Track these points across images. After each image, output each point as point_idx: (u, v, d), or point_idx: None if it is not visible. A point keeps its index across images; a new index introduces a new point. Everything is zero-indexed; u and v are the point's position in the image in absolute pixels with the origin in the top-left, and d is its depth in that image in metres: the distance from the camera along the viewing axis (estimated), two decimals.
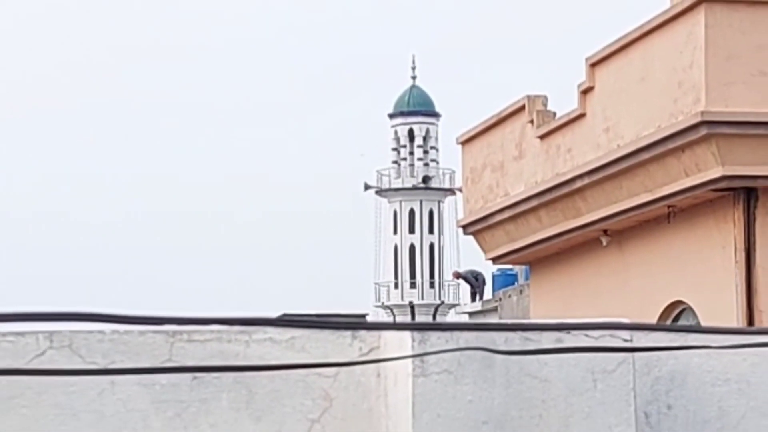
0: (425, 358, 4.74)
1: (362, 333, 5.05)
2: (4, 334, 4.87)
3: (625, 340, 4.83)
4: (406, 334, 4.84)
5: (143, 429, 4.91)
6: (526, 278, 36.88)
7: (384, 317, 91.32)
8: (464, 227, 27.16)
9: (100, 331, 4.89)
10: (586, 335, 4.83)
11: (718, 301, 19.79)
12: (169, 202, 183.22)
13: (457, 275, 79.34)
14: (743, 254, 19.60)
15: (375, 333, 5.07)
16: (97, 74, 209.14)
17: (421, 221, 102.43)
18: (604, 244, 22.83)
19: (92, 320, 4.60)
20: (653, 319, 19.72)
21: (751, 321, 18.79)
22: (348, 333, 5.04)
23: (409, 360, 4.75)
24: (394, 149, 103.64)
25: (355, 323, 4.86)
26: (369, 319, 52.17)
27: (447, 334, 4.80)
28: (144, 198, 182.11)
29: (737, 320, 18.81)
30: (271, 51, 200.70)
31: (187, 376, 4.93)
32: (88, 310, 4.50)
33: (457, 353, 4.74)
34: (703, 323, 19.10)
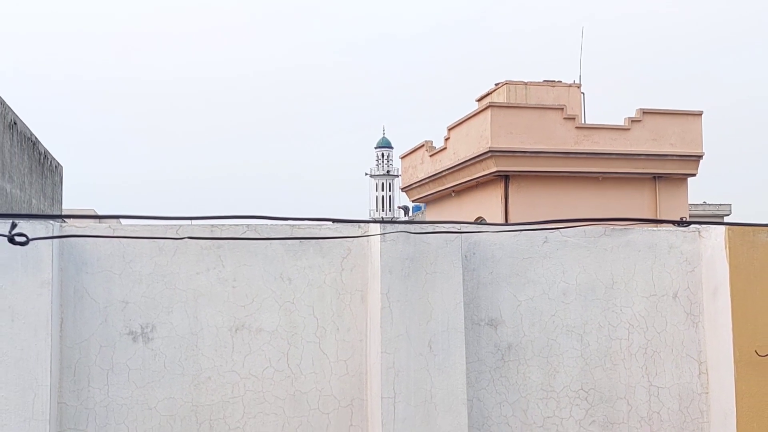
0: (385, 235, 4.68)
1: (363, 224, 4.91)
2: (230, 225, 4.75)
3: (459, 229, 4.78)
4: (379, 225, 4.78)
5: (281, 260, 4.72)
6: (425, 208, 36.74)
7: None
8: (402, 189, 27.03)
9: (265, 224, 4.79)
10: (443, 226, 4.78)
11: (494, 215, 19.78)
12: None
13: (399, 207, 79.59)
14: (504, 199, 19.69)
15: (367, 224, 4.98)
16: None
17: (386, 187, 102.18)
18: (453, 196, 22.75)
19: (265, 218, 4.42)
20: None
21: (506, 221, 18.93)
22: (357, 225, 4.97)
23: (379, 235, 4.70)
24: (376, 160, 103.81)
25: (361, 221, 4.75)
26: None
27: (393, 226, 4.74)
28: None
29: (501, 221, 18.88)
30: (324, 114, 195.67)
31: (296, 241, 4.80)
32: (262, 215, 4.36)
33: (396, 233, 4.68)
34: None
